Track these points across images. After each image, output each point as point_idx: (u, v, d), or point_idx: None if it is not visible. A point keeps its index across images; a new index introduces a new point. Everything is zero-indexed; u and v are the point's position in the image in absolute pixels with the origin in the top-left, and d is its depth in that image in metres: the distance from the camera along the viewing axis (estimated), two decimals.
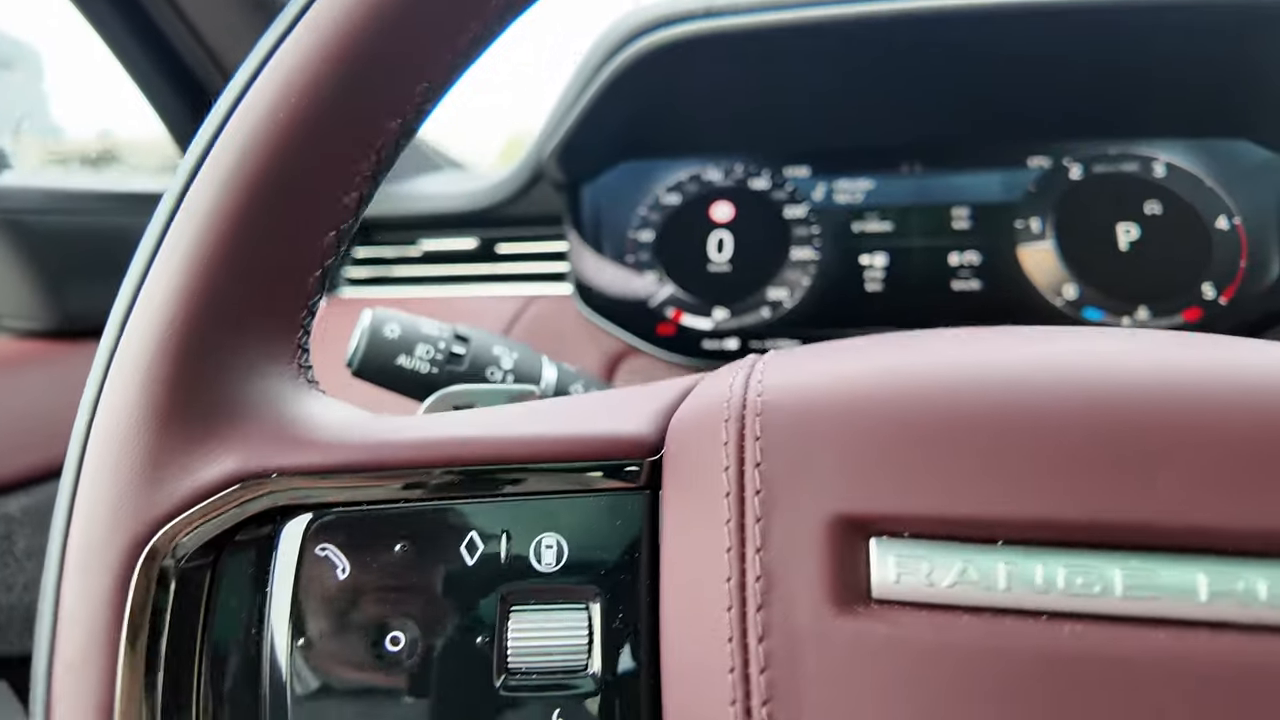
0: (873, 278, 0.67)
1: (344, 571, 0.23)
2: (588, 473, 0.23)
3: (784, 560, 0.19)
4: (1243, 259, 0.62)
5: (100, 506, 0.23)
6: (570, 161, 0.70)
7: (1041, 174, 0.66)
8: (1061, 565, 0.18)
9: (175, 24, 0.70)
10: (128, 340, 0.24)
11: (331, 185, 0.25)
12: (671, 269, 0.71)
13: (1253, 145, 0.64)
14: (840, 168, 0.69)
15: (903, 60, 0.60)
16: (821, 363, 0.23)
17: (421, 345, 0.42)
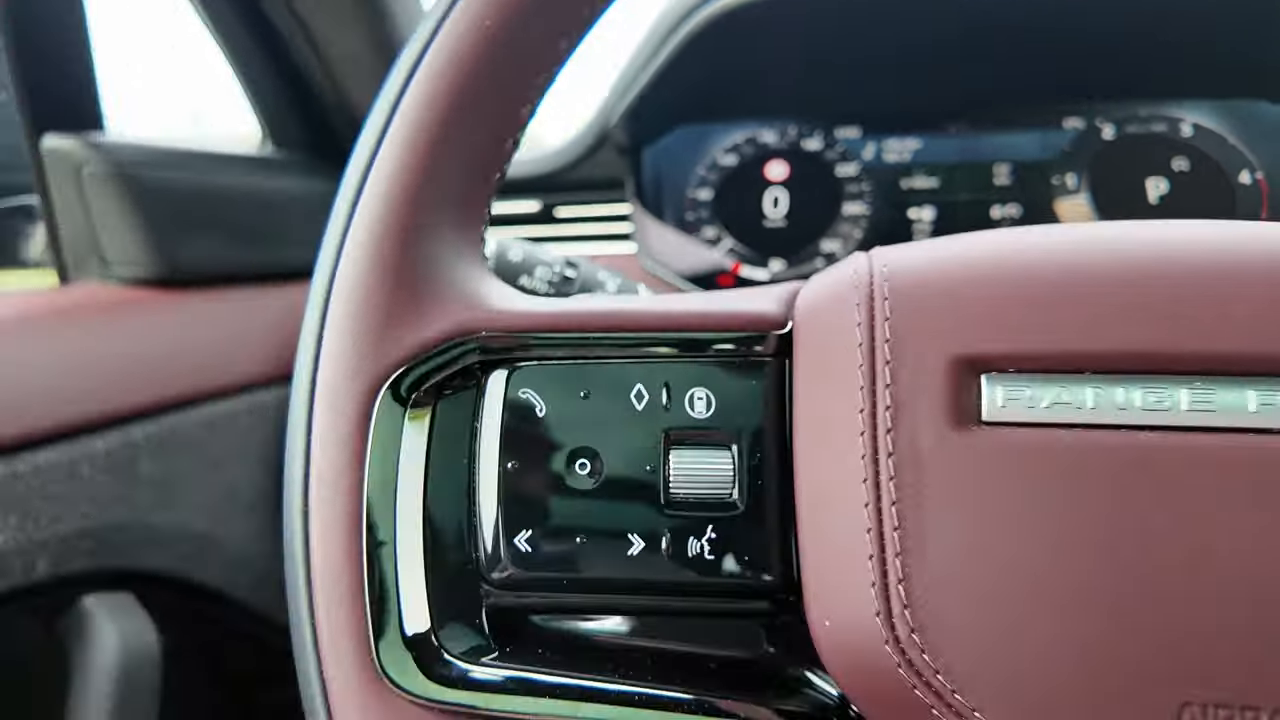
0: (920, 230, 0.72)
1: (542, 410, 0.28)
2: (731, 342, 0.28)
3: (911, 392, 0.24)
4: (1263, 211, 0.67)
5: (346, 352, 0.28)
6: (635, 125, 0.75)
7: (1077, 134, 0.71)
8: (1139, 388, 0.22)
9: (303, 47, 0.75)
10: (359, 221, 0.29)
11: (508, 101, 0.30)
12: (730, 225, 0.76)
13: (1273, 105, 0.69)
14: (889, 128, 0.74)
15: (948, 27, 0.65)
16: (930, 248, 0.27)
17: (540, 268, 0.47)
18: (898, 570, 0.22)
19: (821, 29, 0.66)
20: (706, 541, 0.26)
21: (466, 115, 0.29)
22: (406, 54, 0.30)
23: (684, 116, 0.78)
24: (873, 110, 0.75)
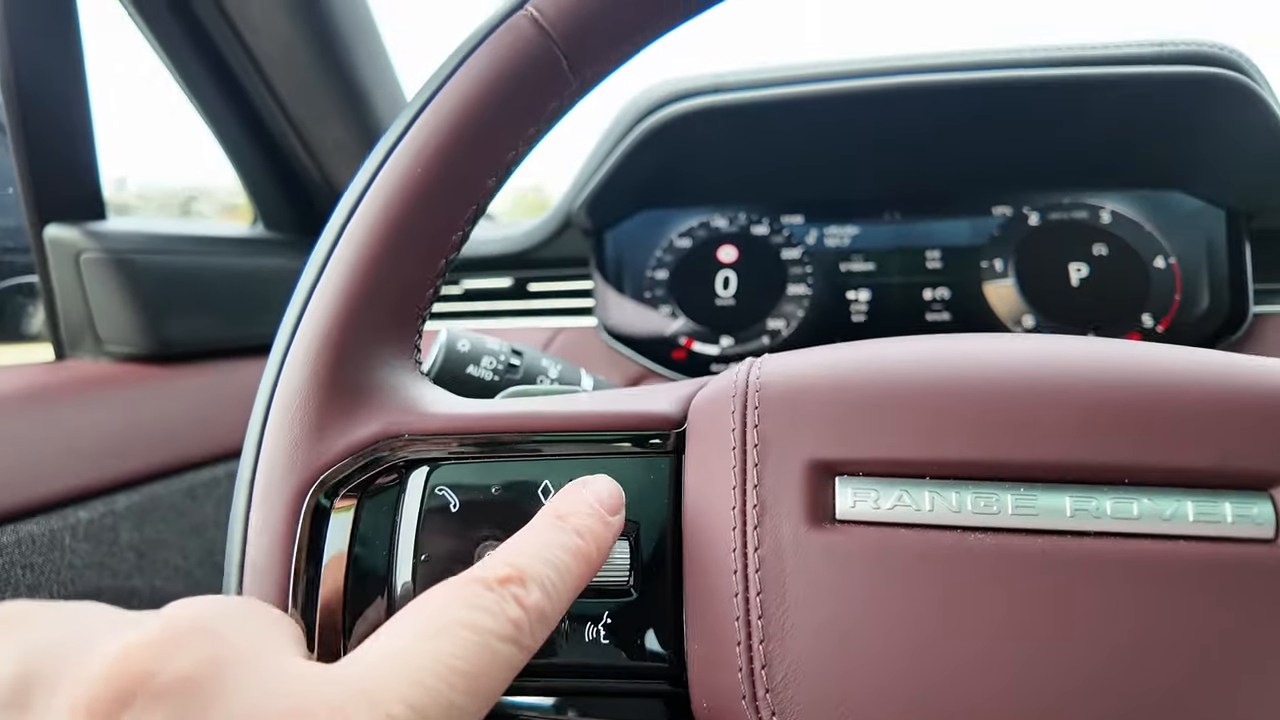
0: (857, 310, 0.77)
1: (455, 506, 0.31)
2: (631, 440, 0.31)
3: (774, 492, 0.27)
4: (1177, 293, 0.72)
5: (283, 454, 0.32)
6: (596, 211, 0.81)
7: (1004, 220, 0.77)
8: (970, 493, 0.26)
9: (290, 137, 0.82)
10: (300, 337, 0.33)
11: (444, 228, 0.35)
12: (683, 303, 0.81)
13: (1185, 196, 0.74)
14: (830, 216, 0.80)
15: (882, 125, 0.71)
16: (803, 359, 0.32)
17: (486, 357, 0.52)
18: (761, 657, 0.25)
19: (767, 128, 0.72)
20: (603, 626, 0.29)
21: (402, 245, 0.33)
22: (354, 185, 0.35)
23: (643, 203, 0.84)
24: (815, 199, 0.81)
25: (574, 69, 0.35)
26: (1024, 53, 0.65)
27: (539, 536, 0.25)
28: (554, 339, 0.87)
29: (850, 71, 0.66)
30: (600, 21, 0.34)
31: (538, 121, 0.35)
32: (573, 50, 0.34)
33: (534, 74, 0.34)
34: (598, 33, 0.34)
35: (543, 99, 0.35)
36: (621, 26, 0.35)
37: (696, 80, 0.70)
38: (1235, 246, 0.72)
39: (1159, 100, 0.64)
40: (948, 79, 0.65)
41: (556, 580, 0.23)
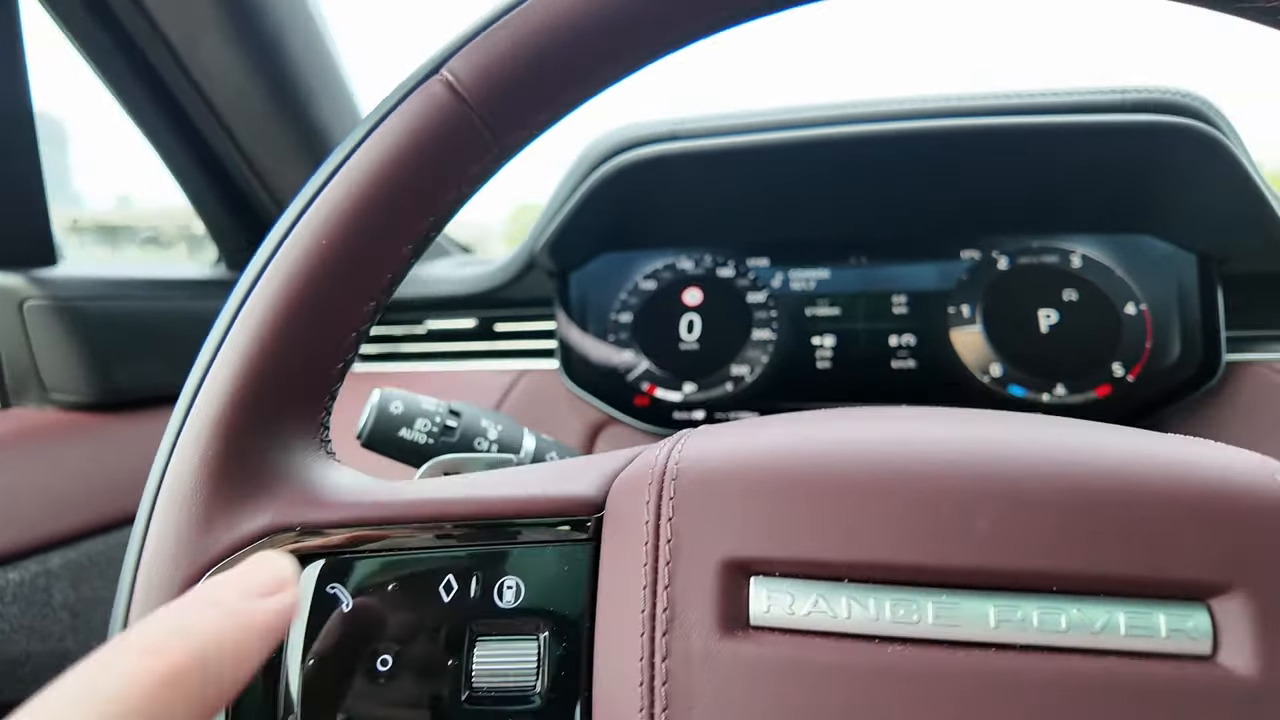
0: (823, 356, 0.75)
1: (347, 605, 0.29)
2: (544, 528, 0.29)
3: (686, 595, 0.25)
4: (1148, 341, 0.70)
5: (163, 552, 0.29)
6: (559, 254, 0.79)
7: (972, 265, 0.75)
8: (889, 599, 0.24)
9: (234, 156, 0.80)
10: (191, 422, 0.31)
11: (353, 300, 0.33)
12: (647, 347, 0.79)
13: (1156, 240, 0.73)
14: (796, 259, 0.79)
15: (845, 171, 0.70)
16: (725, 441, 0.30)
17: (420, 420, 0.50)
18: None
19: (727, 174, 0.70)
20: None
21: (306, 318, 0.31)
22: (257, 257, 0.33)
23: (608, 244, 0.83)
24: (781, 241, 0.79)
25: (495, 135, 0.33)
26: (985, 99, 0.64)
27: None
28: (518, 381, 0.85)
29: (810, 119, 0.65)
30: (520, 87, 0.32)
31: (457, 188, 0.33)
32: (492, 116, 0.32)
33: (449, 141, 0.32)
34: (518, 98, 0.33)
35: (460, 166, 0.33)
36: (543, 91, 0.33)
37: (653, 126, 0.68)
38: (1207, 292, 0.70)
39: (1124, 147, 0.62)
40: (908, 127, 0.63)
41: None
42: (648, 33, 0.32)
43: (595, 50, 0.32)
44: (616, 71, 0.33)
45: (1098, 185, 0.69)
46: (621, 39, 0.32)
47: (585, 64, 0.32)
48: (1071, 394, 0.69)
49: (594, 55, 0.32)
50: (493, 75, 0.32)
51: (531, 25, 0.31)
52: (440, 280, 0.92)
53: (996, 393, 0.71)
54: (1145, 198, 0.70)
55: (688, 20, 0.32)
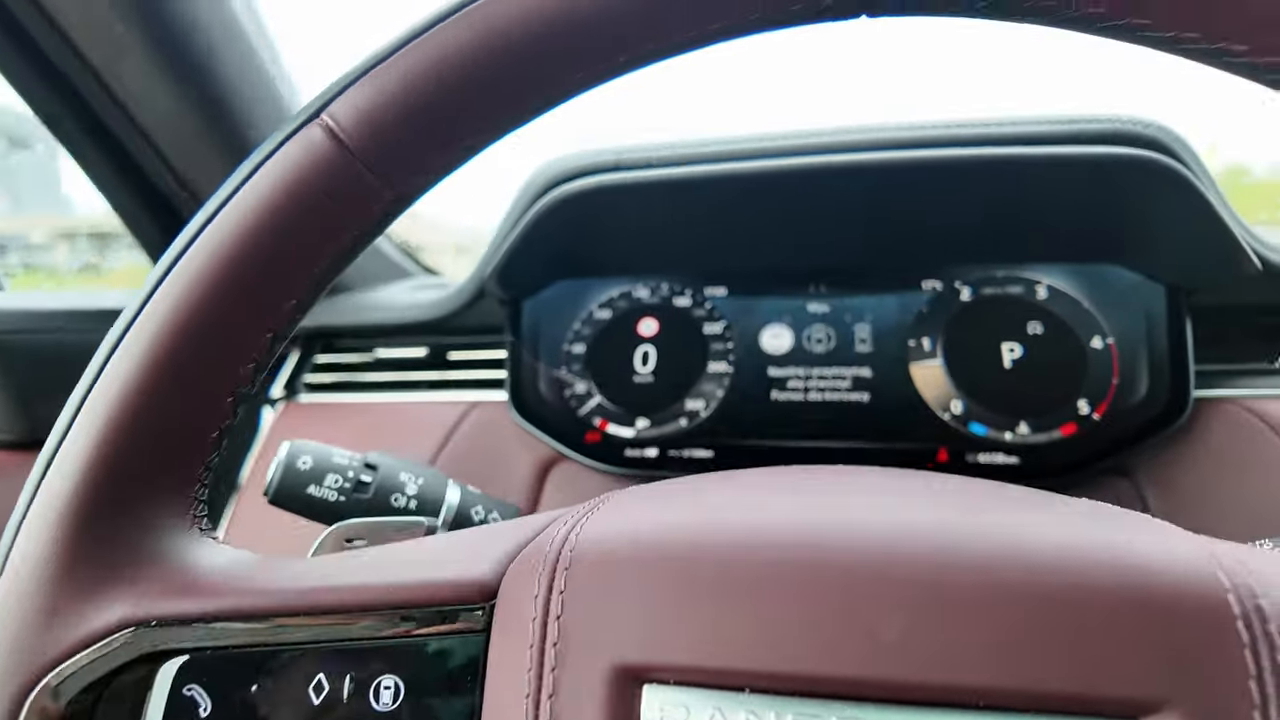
0: (779, 390, 0.72)
1: (205, 710, 0.27)
2: (429, 619, 0.26)
3: (571, 707, 0.23)
4: (1114, 376, 0.68)
5: (3, 646, 0.27)
6: (508, 283, 0.76)
7: (934, 296, 0.72)
8: (791, 711, 0.22)
9: (152, 158, 0.77)
10: (40, 499, 0.28)
11: (230, 362, 0.30)
12: (600, 380, 0.76)
13: (1124, 270, 0.70)
14: (754, 288, 0.76)
15: (800, 201, 0.67)
16: (627, 522, 0.27)
17: (331, 476, 0.47)
18: None
19: (676, 204, 0.68)
20: None
21: (174, 384, 0.28)
22: (122, 316, 0.30)
23: (562, 271, 0.80)
24: (739, 270, 0.77)
25: (387, 181, 0.30)
26: (942, 129, 0.61)
27: None
28: (469, 413, 0.82)
29: (759, 150, 0.62)
30: (410, 132, 0.29)
31: (346, 237, 0.31)
32: (380, 162, 0.30)
33: (331, 189, 0.29)
34: (408, 144, 0.30)
35: (347, 214, 0.30)
36: (437, 137, 0.30)
37: (597, 155, 0.65)
38: (1175, 325, 0.67)
39: (1085, 180, 0.60)
40: (861, 160, 0.61)
41: None
42: (550, 75, 0.29)
43: (493, 94, 0.29)
44: (520, 115, 0.31)
45: (1061, 215, 0.67)
46: (521, 82, 0.29)
47: (483, 108, 0.30)
48: (1035, 433, 0.67)
49: (492, 99, 0.29)
50: (376, 120, 0.29)
51: (420, 68, 0.29)
52: (392, 306, 0.89)
53: (957, 431, 0.68)
54: (1111, 228, 0.67)
55: (594, 61, 0.29)
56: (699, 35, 0.28)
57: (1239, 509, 0.63)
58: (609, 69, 0.29)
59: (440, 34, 0.28)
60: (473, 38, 0.28)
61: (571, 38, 0.27)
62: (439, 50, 0.28)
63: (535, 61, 0.28)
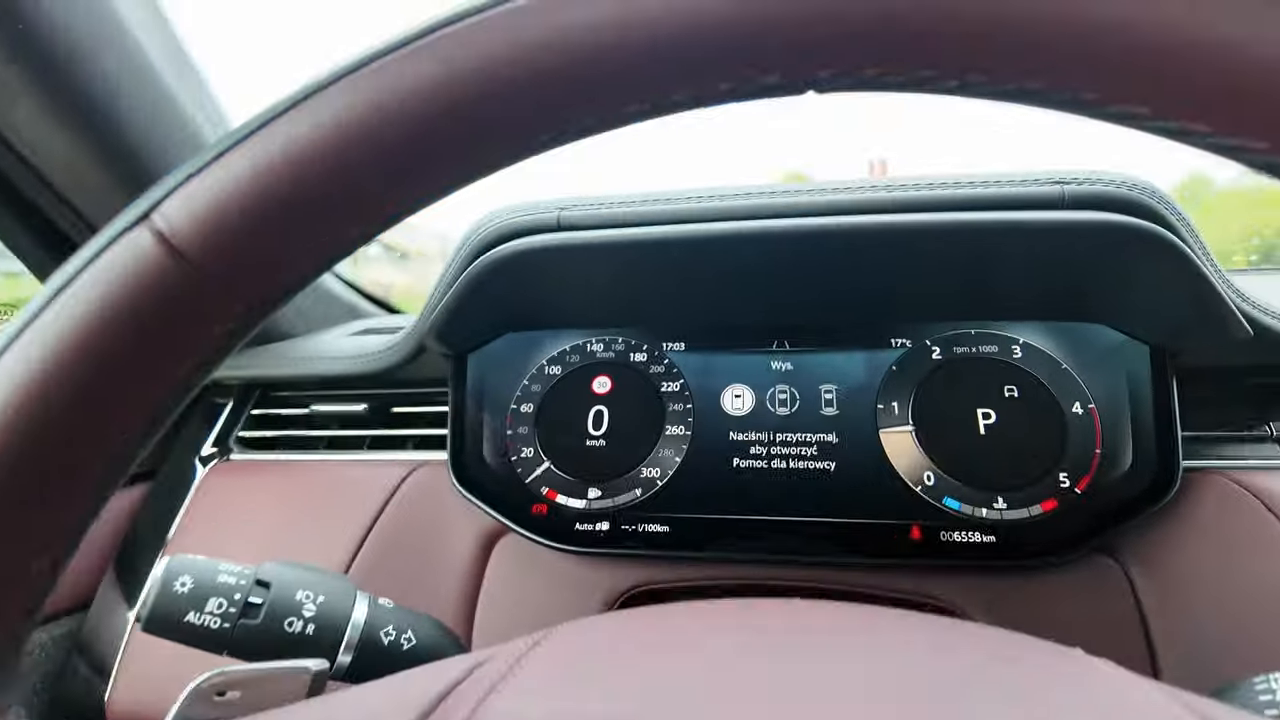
0: (740, 457, 0.67)
1: None
2: None
3: None
4: (1097, 446, 0.63)
5: None
6: (449, 336, 0.70)
7: (903, 354, 0.67)
8: None
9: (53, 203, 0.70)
10: None
11: (54, 501, 0.24)
12: (549, 444, 0.71)
13: (1106, 329, 0.66)
14: (714, 343, 0.71)
15: (762, 262, 0.62)
16: (532, 708, 0.23)
17: (214, 599, 0.41)
18: None
19: (625, 262, 0.62)
20: None
21: None
22: None
23: (510, 323, 0.74)
24: (698, 326, 0.71)
25: (232, 294, 0.25)
26: (912, 189, 0.56)
27: None
28: (410, 475, 0.76)
29: (714, 211, 0.57)
30: (264, 229, 0.24)
31: (194, 355, 0.25)
32: (221, 271, 0.24)
33: (163, 309, 0.24)
34: (261, 246, 0.24)
35: (187, 328, 0.25)
36: (297, 236, 0.25)
37: (536, 212, 0.60)
38: (1161, 389, 0.63)
39: (1064, 245, 0.55)
40: (827, 225, 0.55)
41: None
42: (420, 171, 0.24)
43: (356, 193, 0.24)
44: (397, 207, 0.25)
45: (1038, 276, 0.62)
46: (400, 173, 0.24)
47: (355, 201, 0.24)
48: (1013, 509, 0.62)
49: (367, 190, 0.24)
50: (215, 228, 0.24)
51: (276, 156, 0.23)
52: (333, 355, 0.83)
53: (931, 505, 0.63)
54: (1091, 289, 0.63)
55: (475, 153, 0.24)
56: (591, 126, 0.23)
57: (1231, 592, 0.58)
58: (515, 155, 0.24)
59: (304, 115, 0.23)
60: (346, 122, 0.23)
61: (489, 112, 0.22)
62: (306, 133, 0.23)
63: (423, 147, 0.23)
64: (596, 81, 0.22)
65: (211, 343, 0.26)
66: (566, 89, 0.22)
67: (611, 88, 0.22)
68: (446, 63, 0.22)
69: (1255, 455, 0.64)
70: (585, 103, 0.23)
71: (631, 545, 0.66)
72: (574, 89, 0.22)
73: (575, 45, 0.21)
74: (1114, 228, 0.51)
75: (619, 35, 0.21)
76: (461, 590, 0.69)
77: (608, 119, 0.24)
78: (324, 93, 0.23)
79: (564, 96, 0.22)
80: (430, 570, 0.70)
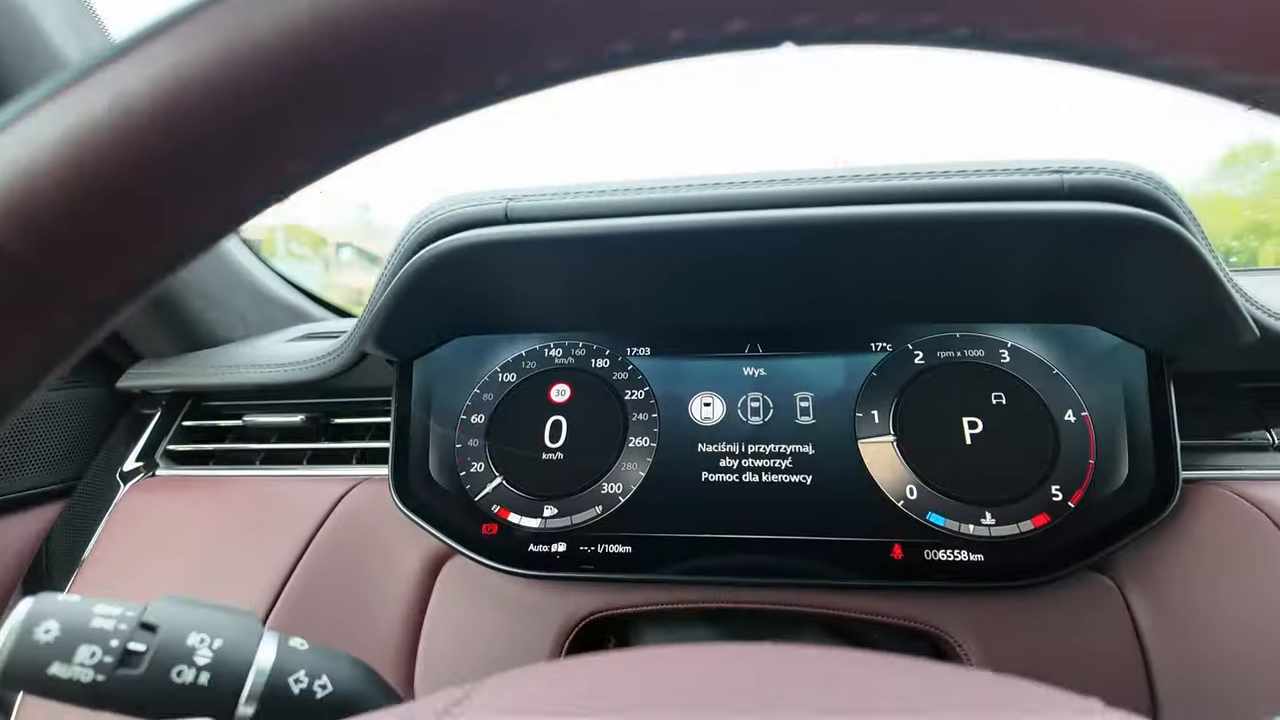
0: (709, 470, 0.62)
1: None
2: None
3: None
4: (1091, 456, 0.59)
5: None
6: (389, 342, 0.64)
7: (884, 359, 0.63)
8: None
9: None
10: None
11: None
12: (501, 458, 0.65)
13: (1100, 331, 0.62)
14: (683, 347, 0.65)
15: (730, 258, 0.57)
16: None
17: (85, 647, 0.35)
18: None
19: (581, 258, 0.57)
20: None
21: None
22: None
23: (459, 327, 0.68)
24: (665, 329, 0.66)
25: (68, 297, 0.19)
26: (895, 177, 0.52)
27: None
28: (349, 493, 0.70)
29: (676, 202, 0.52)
30: (100, 211, 0.19)
31: (21, 369, 0.20)
32: (49, 261, 0.19)
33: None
34: (96, 231, 0.19)
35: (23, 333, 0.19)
36: (133, 240, 0.20)
37: (483, 203, 0.54)
38: (1158, 395, 0.59)
39: (1062, 239, 0.51)
40: (800, 216, 0.50)
41: None
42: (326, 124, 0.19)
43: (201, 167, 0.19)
44: (264, 193, 0.20)
45: (1031, 273, 0.58)
46: (237, 150, 0.19)
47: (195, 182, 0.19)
48: (1001, 524, 0.57)
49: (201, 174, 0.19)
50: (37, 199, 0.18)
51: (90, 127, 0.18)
52: (270, 363, 0.76)
53: (915, 521, 0.58)
54: (1086, 288, 0.58)
55: (370, 116, 0.19)
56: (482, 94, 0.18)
57: (1233, 613, 0.54)
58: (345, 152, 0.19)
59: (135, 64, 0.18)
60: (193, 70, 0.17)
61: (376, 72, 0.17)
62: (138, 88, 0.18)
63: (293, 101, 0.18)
64: (513, 32, 0.17)
65: (55, 340, 0.20)
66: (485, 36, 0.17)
67: (531, 42, 0.17)
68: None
69: (1256, 465, 0.60)
70: (508, 59, 0.18)
71: (590, 568, 0.61)
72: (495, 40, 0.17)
73: None
74: (1119, 220, 0.47)
75: None
76: (404, 619, 0.63)
77: (531, 79, 0.19)
78: (165, 35, 0.18)
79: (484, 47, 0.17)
80: (370, 597, 0.64)
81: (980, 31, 0.17)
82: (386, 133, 0.19)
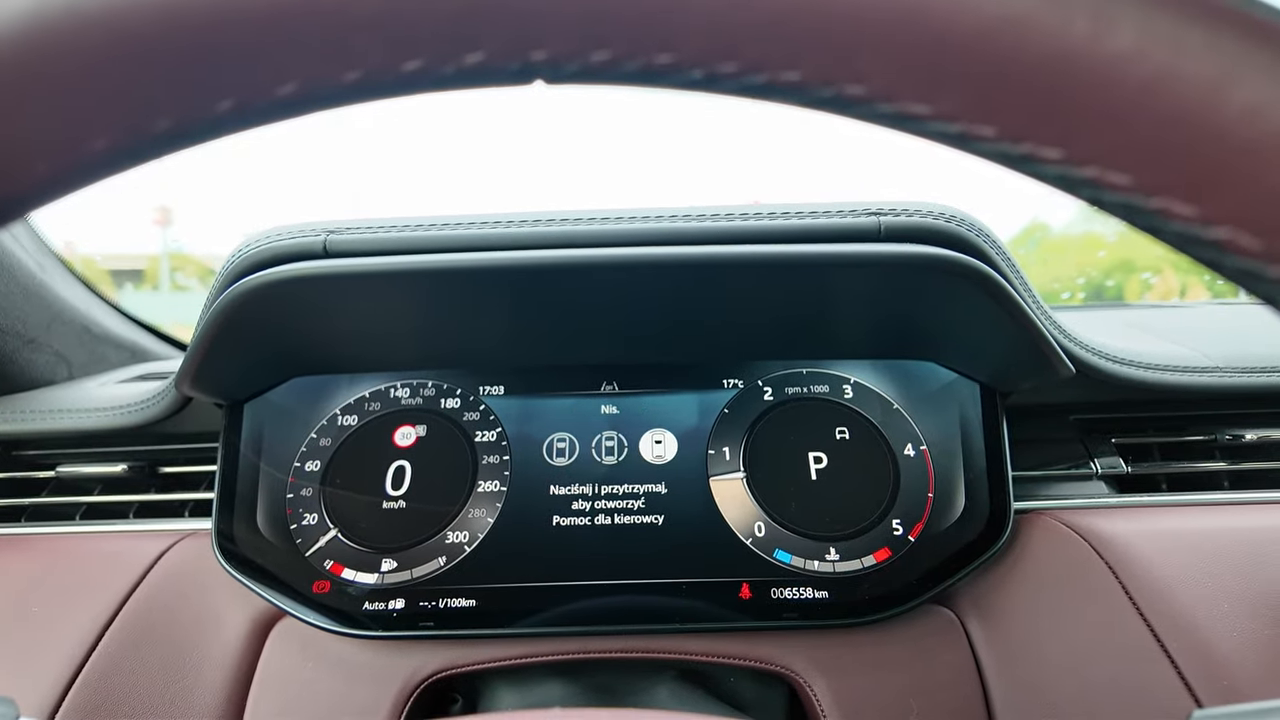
0: (560, 515, 0.60)
1: None
2: None
3: None
4: (930, 490, 0.60)
5: None
6: (208, 383, 0.59)
7: (736, 395, 0.63)
8: None
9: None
10: None
11: None
12: (337, 508, 0.61)
13: (937, 366, 0.63)
14: (537, 388, 0.63)
15: (569, 296, 0.55)
16: None
17: None
18: None
19: (414, 294, 0.54)
20: None
21: None
22: None
23: (295, 366, 0.64)
24: (519, 367, 0.64)
25: None
26: (730, 218, 0.52)
27: None
28: (170, 549, 0.64)
29: (507, 238, 0.50)
30: None
31: None
32: None
33: None
34: None
35: None
36: None
37: (301, 236, 0.51)
38: (991, 428, 0.61)
39: (882, 278, 0.52)
40: (636, 255, 0.49)
41: None
42: None
43: None
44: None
45: (863, 312, 0.59)
46: None
47: None
48: (845, 560, 0.58)
49: None
50: None
51: None
52: (82, 409, 0.69)
53: (762, 559, 0.58)
54: (919, 324, 0.60)
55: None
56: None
57: (1062, 640, 0.56)
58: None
59: None
60: None
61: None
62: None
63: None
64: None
65: None
66: None
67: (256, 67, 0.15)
68: None
69: (1081, 494, 0.63)
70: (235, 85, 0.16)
71: (431, 625, 0.57)
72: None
73: None
74: (931, 261, 0.48)
75: None
76: (228, 687, 0.57)
77: (261, 108, 0.17)
78: None
79: None
80: (190, 663, 0.58)
81: (712, 75, 0.17)
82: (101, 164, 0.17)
